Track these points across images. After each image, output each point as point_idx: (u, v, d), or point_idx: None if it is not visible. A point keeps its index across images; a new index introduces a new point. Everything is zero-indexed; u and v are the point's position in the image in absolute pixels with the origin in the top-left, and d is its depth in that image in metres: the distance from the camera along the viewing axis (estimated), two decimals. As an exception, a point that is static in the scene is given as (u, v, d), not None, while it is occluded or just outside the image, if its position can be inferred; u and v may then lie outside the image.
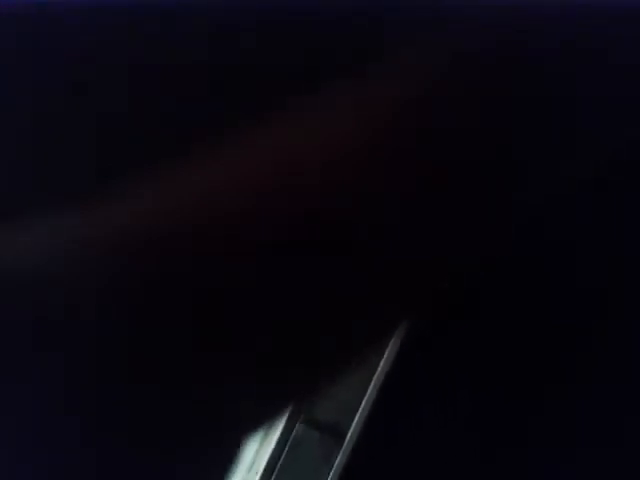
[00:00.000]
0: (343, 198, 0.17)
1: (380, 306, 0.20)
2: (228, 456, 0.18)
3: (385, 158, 0.17)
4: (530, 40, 0.17)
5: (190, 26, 0.17)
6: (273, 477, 0.74)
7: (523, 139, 0.18)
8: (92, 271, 0.15)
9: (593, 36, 0.18)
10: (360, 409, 0.74)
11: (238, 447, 0.19)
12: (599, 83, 0.18)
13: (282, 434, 0.74)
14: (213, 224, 0.16)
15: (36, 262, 0.14)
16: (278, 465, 0.74)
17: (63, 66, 0.16)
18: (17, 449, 0.15)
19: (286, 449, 0.74)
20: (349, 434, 0.74)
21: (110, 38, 0.16)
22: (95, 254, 0.15)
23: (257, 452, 0.74)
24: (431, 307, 0.70)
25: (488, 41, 0.17)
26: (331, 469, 0.74)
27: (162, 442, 0.17)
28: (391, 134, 0.17)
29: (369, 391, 0.74)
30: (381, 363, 0.74)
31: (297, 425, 0.74)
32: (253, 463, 0.74)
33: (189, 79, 0.17)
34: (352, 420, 0.74)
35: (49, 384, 0.15)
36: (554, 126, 0.18)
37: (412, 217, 0.18)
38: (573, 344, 0.70)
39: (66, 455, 0.15)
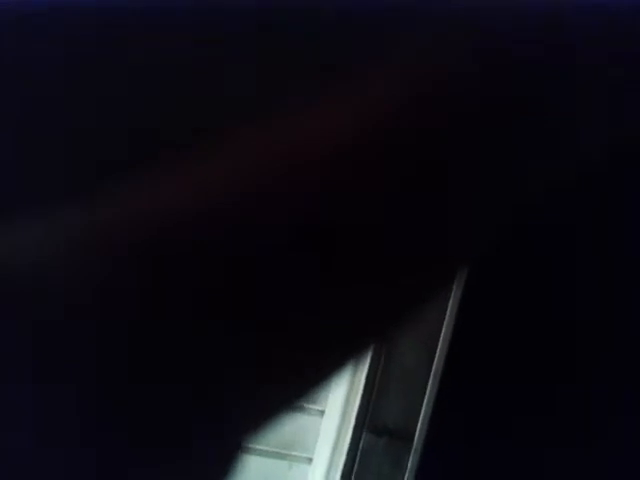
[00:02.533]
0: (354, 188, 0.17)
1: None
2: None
3: (385, 158, 0.17)
4: (529, 39, 0.18)
5: (190, 25, 0.17)
6: (349, 488, 0.75)
7: (522, 139, 0.18)
8: (91, 271, 0.15)
9: (593, 35, 0.18)
10: (423, 409, 0.74)
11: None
12: (599, 82, 0.19)
13: (351, 445, 0.75)
14: (213, 224, 0.16)
15: (36, 262, 0.15)
16: (353, 475, 0.75)
17: (63, 65, 0.17)
18: (16, 448, 0.15)
19: (357, 459, 0.75)
20: (416, 435, 0.74)
21: (110, 36, 0.17)
22: (95, 254, 0.15)
23: (329, 466, 0.75)
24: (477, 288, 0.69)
25: (486, 40, 0.18)
26: (404, 472, 0.74)
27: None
28: (390, 134, 0.17)
29: (428, 389, 0.74)
30: (435, 358, 0.74)
31: (364, 434, 0.75)
32: (328, 476, 0.75)
33: (189, 78, 0.17)
34: (417, 421, 0.75)
35: (48, 383, 0.15)
36: (553, 126, 0.19)
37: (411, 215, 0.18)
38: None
39: (66, 455, 0.15)
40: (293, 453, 0.77)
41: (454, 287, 0.68)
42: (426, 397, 0.74)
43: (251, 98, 0.18)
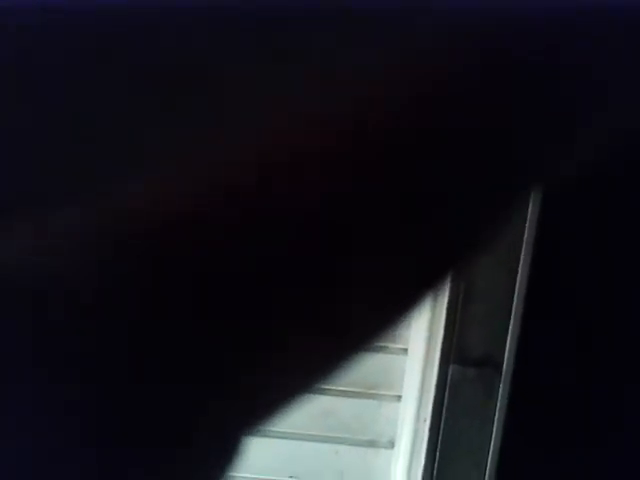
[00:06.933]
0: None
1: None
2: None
3: (383, 157, 0.17)
4: (529, 39, 0.18)
5: (190, 25, 0.17)
6: (442, 420, 0.74)
7: (522, 139, 0.18)
8: (91, 271, 0.15)
9: (593, 35, 0.18)
10: (509, 335, 0.73)
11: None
12: (599, 82, 0.19)
13: (439, 379, 0.74)
14: (214, 224, 0.16)
15: (36, 262, 0.15)
16: (444, 408, 0.74)
17: (62, 66, 0.17)
18: (17, 448, 0.15)
19: (447, 391, 0.74)
20: (505, 362, 0.73)
21: (109, 36, 0.17)
22: (95, 254, 0.16)
23: (420, 400, 0.74)
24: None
25: (486, 40, 0.18)
26: (496, 400, 0.73)
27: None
28: (390, 134, 0.17)
29: (513, 313, 0.72)
30: (517, 281, 0.72)
31: (451, 367, 0.74)
32: (419, 412, 0.75)
33: (189, 78, 0.18)
34: (504, 348, 0.73)
35: (48, 383, 0.15)
36: (553, 126, 0.19)
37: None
38: None
39: (66, 455, 0.16)
40: (381, 392, 0.76)
41: (530, 208, 0.67)
42: (511, 322, 0.72)
43: (251, 98, 0.18)
